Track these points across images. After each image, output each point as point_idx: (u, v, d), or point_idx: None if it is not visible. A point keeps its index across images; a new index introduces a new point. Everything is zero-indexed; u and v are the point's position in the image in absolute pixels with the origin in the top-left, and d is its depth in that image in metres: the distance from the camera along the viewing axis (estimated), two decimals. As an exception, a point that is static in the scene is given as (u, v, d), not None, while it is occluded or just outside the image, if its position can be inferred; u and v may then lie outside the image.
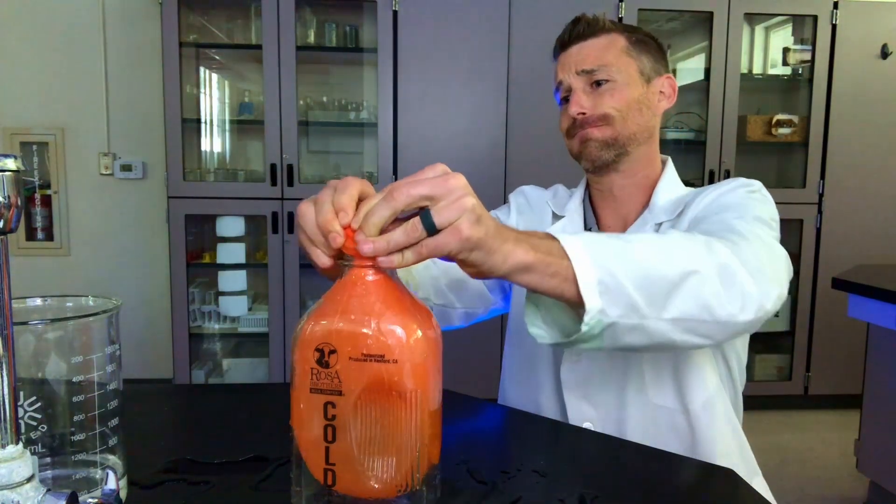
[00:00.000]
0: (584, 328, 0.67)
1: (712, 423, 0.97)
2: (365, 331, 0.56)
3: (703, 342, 0.74)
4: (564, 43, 1.09)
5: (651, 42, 1.09)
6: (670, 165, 1.13)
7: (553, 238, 0.67)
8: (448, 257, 0.60)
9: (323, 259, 0.60)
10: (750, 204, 0.92)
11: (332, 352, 0.56)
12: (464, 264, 0.61)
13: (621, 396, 0.98)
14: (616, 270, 0.67)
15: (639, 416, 0.98)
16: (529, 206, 1.20)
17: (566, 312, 0.73)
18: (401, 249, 0.57)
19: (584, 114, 1.05)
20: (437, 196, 0.56)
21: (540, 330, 0.73)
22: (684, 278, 0.70)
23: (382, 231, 0.57)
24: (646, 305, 0.68)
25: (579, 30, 1.07)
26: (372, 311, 0.56)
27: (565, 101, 1.09)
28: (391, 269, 0.59)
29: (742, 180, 1.00)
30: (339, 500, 0.58)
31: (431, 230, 0.57)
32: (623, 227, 1.10)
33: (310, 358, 0.56)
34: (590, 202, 1.15)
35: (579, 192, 1.17)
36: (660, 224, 1.04)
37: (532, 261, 0.63)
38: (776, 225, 0.91)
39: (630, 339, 0.70)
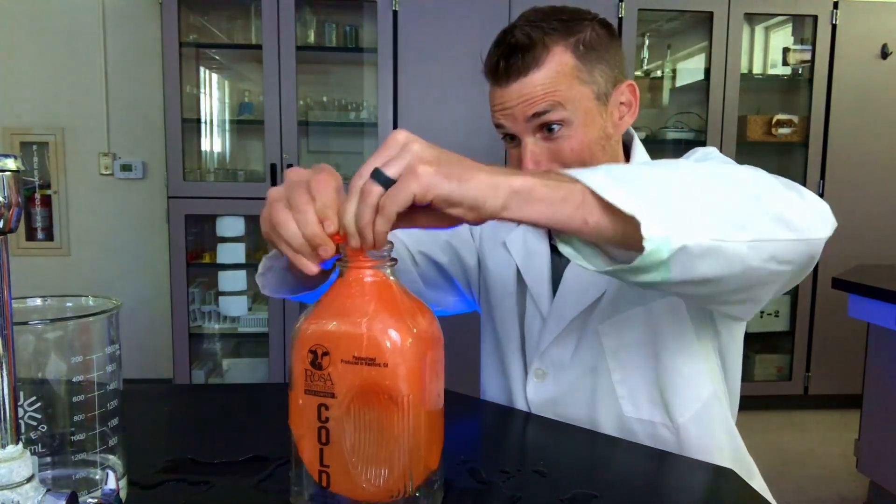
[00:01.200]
0: (647, 245, 0.55)
1: (705, 432, 0.92)
2: (357, 332, 0.55)
3: (783, 269, 0.63)
4: (500, 79, 0.88)
5: (602, 39, 0.89)
6: (636, 149, 0.98)
7: (558, 173, 0.59)
8: (434, 224, 0.57)
9: (311, 268, 0.58)
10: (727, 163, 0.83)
11: (325, 353, 0.55)
12: (451, 206, 0.54)
13: (592, 412, 0.94)
14: (662, 190, 0.58)
15: (614, 431, 0.93)
16: None
17: (601, 256, 0.63)
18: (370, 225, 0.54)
19: None
20: (385, 157, 0.55)
21: (586, 261, 0.62)
22: (749, 194, 0.61)
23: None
24: (712, 222, 0.57)
25: (517, 64, 0.86)
26: (366, 313, 0.55)
27: (510, 138, 0.92)
28: (375, 250, 0.56)
29: (699, 151, 0.89)
30: (336, 502, 0.58)
31: (386, 182, 0.54)
32: None
33: (304, 359, 0.56)
34: None
35: None
36: None
37: (530, 185, 0.55)
38: None
39: (703, 267, 0.58)
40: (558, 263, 0.98)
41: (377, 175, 0.54)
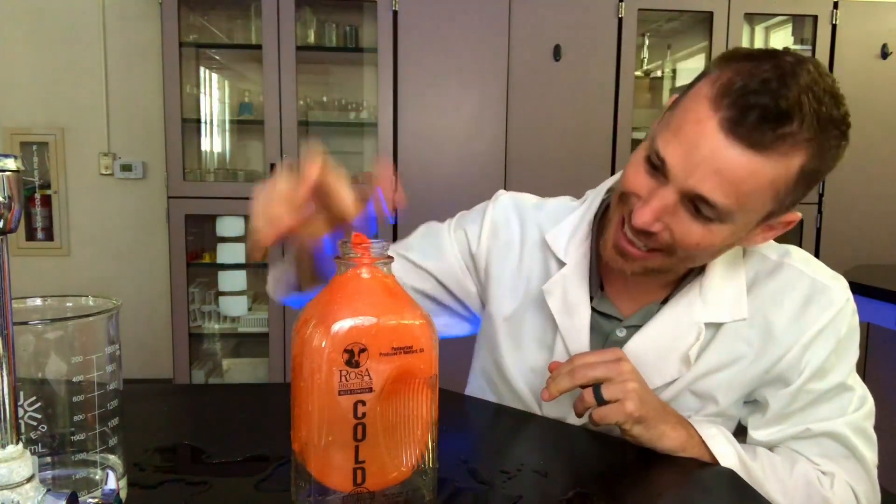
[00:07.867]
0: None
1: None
2: (393, 324, 0.57)
3: None
4: (734, 134, 0.66)
5: (824, 162, 0.74)
6: None
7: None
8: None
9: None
10: (848, 382, 0.94)
11: (363, 350, 0.56)
12: (625, 433, 0.76)
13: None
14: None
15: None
16: (507, 227, 0.96)
17: None
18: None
19: (648, 232, 0.74)
20: (608, 377, 0.74)
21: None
22: None
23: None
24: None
25: (765, 136, 0.65)
26: (392, 305, 0.58)
27: (652, 167, 0.73)
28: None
29: (836, 323, 0.86)
30: (338, 499, 0.58)
31: (601, 401, 0.74)
32: (637, 302, 0.88)
33: (337, 360, 0.55)
34: (597, 249, 0.88)
35: (583, 230, 0.90)
36: (718, 325, 0.83)
37: (684, 447, 0.77)
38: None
39: None
40: (603, 324, 0.90)
41: (597, 392, 0.75)
